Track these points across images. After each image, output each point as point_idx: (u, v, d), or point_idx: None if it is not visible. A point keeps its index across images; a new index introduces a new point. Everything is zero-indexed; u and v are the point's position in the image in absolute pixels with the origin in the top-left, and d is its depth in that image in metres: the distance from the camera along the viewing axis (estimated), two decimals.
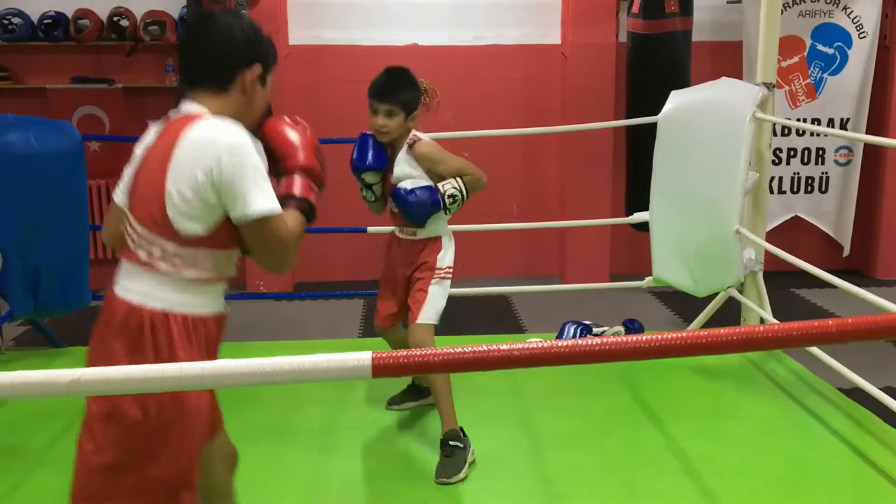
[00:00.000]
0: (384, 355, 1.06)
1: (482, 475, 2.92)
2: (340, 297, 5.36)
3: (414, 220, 2.99)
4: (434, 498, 2.78)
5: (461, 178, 2.97)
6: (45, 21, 5.40)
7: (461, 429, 2.97)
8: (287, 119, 1.94)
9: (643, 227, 4.52)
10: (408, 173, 2.98)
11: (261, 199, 1.69)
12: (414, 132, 3.02)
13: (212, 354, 1.86)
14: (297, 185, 1.84)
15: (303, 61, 5.59)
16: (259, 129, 1.90)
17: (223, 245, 1.78)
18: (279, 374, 1.02)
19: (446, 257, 3.09)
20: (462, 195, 2.97)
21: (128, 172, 1.88)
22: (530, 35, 5.70)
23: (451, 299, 3.13)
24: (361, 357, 1.05)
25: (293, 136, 1.90)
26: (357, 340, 4.63)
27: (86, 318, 4.11)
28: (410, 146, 2.99)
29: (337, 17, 5.63)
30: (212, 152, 1.68)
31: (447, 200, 2.95)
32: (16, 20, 5.38)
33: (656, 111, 4.05)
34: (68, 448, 3.09)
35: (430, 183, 2.97)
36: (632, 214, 4.39)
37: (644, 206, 4.20)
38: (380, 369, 1.05)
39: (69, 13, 5.40)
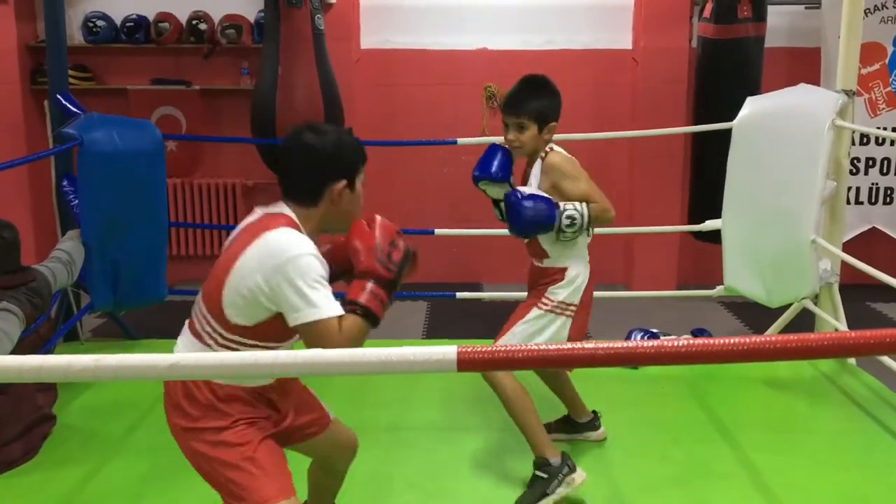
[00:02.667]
0: (469, 349, 1.08)
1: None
2: (405, 298, 5.41)
3: (516, 229, 2.65)
4: (498, 499, 2.79)
5: (587, 204, 2.63)
6: (127, 24, 5.58)
7: (563, 454, 2.77)
8: (364, 223, 2.01)
9: (707, 237, 4.46)
10: (533, 188, 2.73)
11: (310, 307, 1.80)
12: (552, 145, 2.76)
13: (259, 410, 2.02)
14: (360, 290, 1.90)
15: (374, 66, 5.66)
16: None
17: (266, 338, 1.92)
18: (368, 364, 1.04)
19: (564, 291, 2.72)
20: (582, 221, 2.60)
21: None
22: (601, 40, 5.66)
23: (517, 303, 2.89)
24: (447, 351, 1.06)
25: (363, 241, 1.97)
26: (420, 341, 4.67)
27: (161, 312, 4.26)
28: (543, 158, 2.73)
29: (407, 21, 5.69)
30: (275, 262, 1.81)
31: (563, 221, 2.59)
32: (100, 23, 5.57)
33: (723, 118, 4.00)
34: (145, 436, 3.22)
35: (550, 197, 2.65)
36: (695, 222, 4.33)
37: (706, 215, 4.16)
38: (465, 363, 1.06)
39: (150, 16, 5.57)
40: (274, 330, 1.89)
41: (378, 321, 1.92)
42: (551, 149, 2.74)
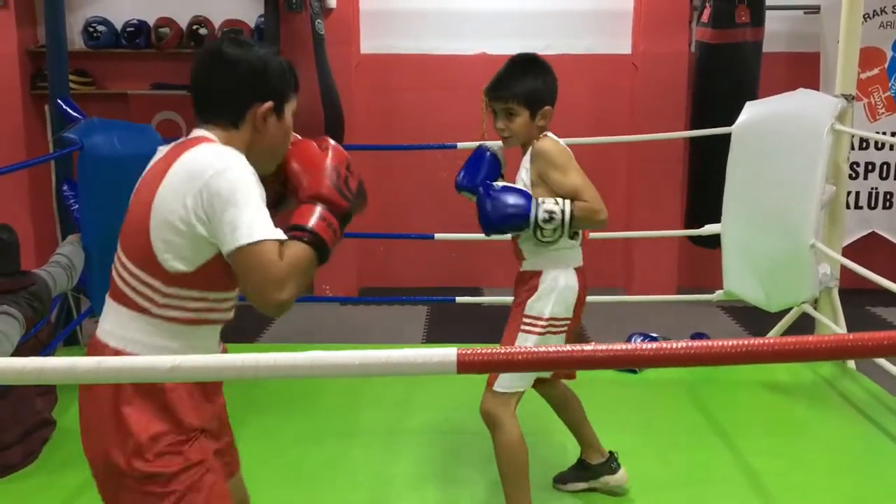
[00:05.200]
0: (469, 352, 1.08)
1: (547, 486, 2.90)
2: (405, 303, 5.40)
3: (485, 224, 2.39)
4: None
5: (572, 202, 2.33)
6: (127, 29, 5.59)
7: None
8: (313, 143, 1.74)
9: (705, 241, 4.46)
10: (522, 181, 2.45)
11: (242, 227, 1.50)
12: (548, 132, 2.47)
13: (209, 397, 1.71)
14: (310, 215, 1.60)
15: (373, 70, 5.67)
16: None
17: (214, 286, 1.63)
18: (368, 366, 1.04)
19: (541, 303, 2.41)
20: (563, 220, 2.29)
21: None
22: (601, 45, 5.67)
23: None
24: (447, 353, 1.07)
25: (314, 162, 1.67)
26: (420, 346, 4.66)
27: None
28: (534, 145, 2.43)
29: (407, 26, 5.70)
30: (203, 176, 1.53)
31: (541, 216, 2.29)
32: (100, 28, 5.58)
33: (721, 123, 4.01)
34: None
35: (528, 191, 2.39)
36: (692, 227, 4.34)
37: (705, 219, 4.17)
38: (465, 366, 1.06)
39: (151, 21, 5.58)
40: (220, 274, 1.58)
41: (328, 255, 1.60)
42: (545, 135, 2.44)
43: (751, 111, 3.90)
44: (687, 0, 5.46)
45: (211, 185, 1.52)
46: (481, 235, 2.99)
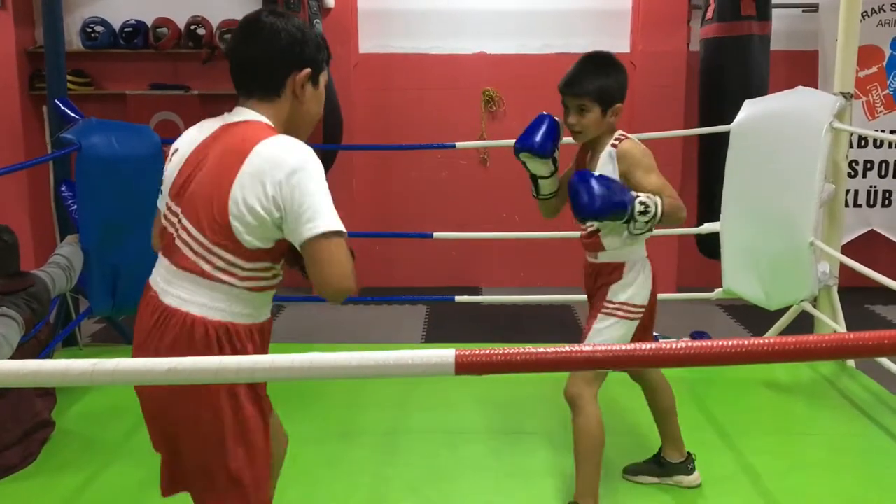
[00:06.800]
0: (467, 353, 1.08)
1: (546, 485, 2.90)
2: (404, 303, 5.40)
3: (586, 210, 2.31)
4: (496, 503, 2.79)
5: (660, 197, 2.37)
6: (125, 29, 5.59)
7: None
8: None
9: (709, 250, 4.43)
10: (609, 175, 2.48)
11: (326, 216, 1.63)
12: (621, 131, 2.51)
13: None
14: None
15: (372, 70, 5.67)
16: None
17: (281, 257, 1.77)
18: (366, 368, 1.04)
19: (626, 291, 2.55)
20: (655, 213, 2.33)
21: (172, 173, 1.78)
22: (599, 44, 5.60)
23: (515, 307, 2.89)
24: (445, 354, 1.06)
25: None
26: (419, 346, 4.66)
27: None
28: (615, 144, 2.47)
29: (406, 26, 5.70)
30: (283, 168, 1.62)
31: (637, 207, 2.31)
32: (98, 28, 5.58)
33: (731, 120, 3.97)
34: (144, 441, 3.17)
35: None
36: (703, 224, 4.31)
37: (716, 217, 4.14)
38: (462, 367, 1.06)
39: (149, 22, 5.58)
40: (286, 246, 1.73)
41: None
42: (624, 136, 2.49)
43: (749, 109, 3.89)
44: None
45: (291, 178, 1.62)
46: (481, 234, 2.98)
